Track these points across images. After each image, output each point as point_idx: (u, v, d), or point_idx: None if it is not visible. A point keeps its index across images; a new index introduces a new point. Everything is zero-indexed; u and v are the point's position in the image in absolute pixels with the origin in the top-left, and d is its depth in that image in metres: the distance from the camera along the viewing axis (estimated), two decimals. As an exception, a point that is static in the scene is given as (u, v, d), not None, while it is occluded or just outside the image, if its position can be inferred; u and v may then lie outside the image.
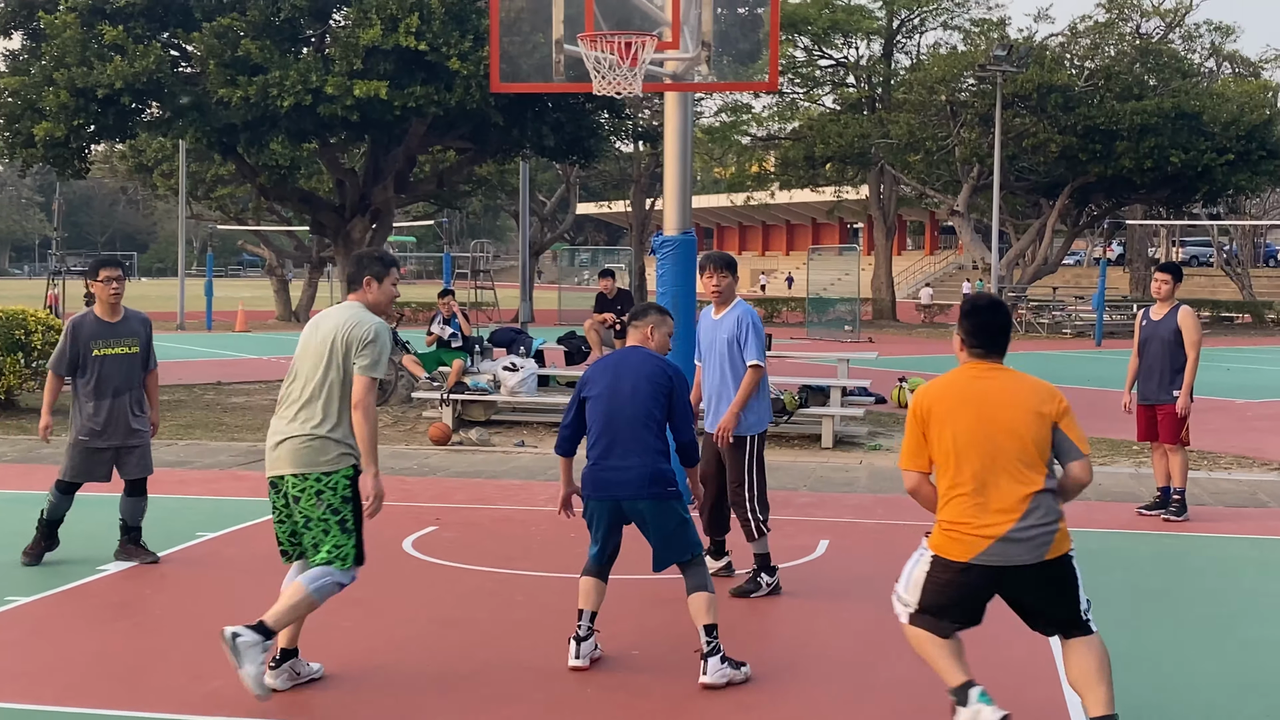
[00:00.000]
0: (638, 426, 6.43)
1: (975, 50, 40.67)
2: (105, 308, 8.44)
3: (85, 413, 8.30)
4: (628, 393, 6.48)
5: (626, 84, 9.57)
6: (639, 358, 6.65)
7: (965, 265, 75.18)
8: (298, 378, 6.12)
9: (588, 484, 6.53)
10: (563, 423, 6.69)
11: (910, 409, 5.33)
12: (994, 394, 5.16)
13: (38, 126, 16.59)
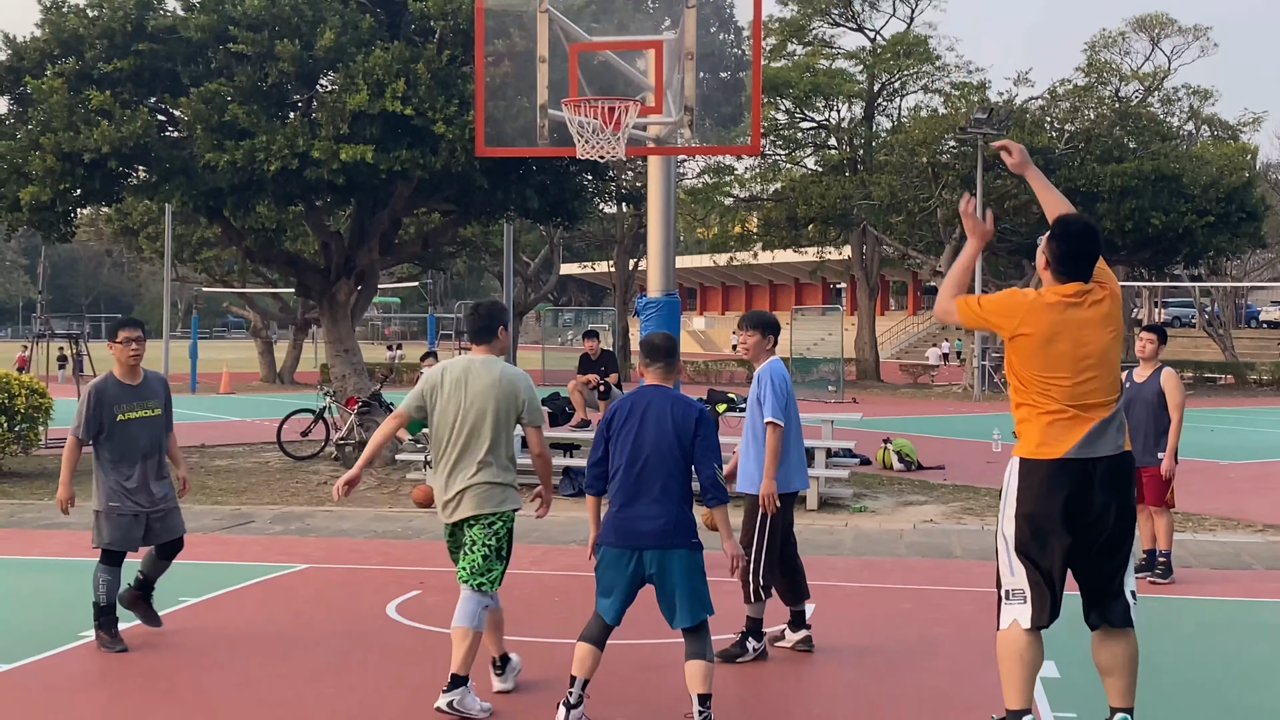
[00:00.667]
0: (664, 473, 6.32)
1: (956, 113, 41.08)
2: (125, 370, 8.28)
3: (113, 479, 8.12)
4: (653, 437, 6.37)
5: (610, 148, 9.65)
6: (664, 397, 6.52)
7: (949, 326, 75.46)
8: (466, 433, 6.77)
9: (607, 530, 6.40)
10: (591, 460, 6.55)
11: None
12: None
13: (23, 190, 16.60)
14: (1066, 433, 5.47)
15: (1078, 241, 5.62)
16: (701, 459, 6.38)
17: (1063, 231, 5.64)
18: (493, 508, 6.78)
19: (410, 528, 13.19)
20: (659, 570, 6.27)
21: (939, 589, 10.12)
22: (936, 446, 21.51)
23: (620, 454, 6.41)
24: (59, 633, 8.35)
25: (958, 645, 8.29)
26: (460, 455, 6.78)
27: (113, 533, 8.20)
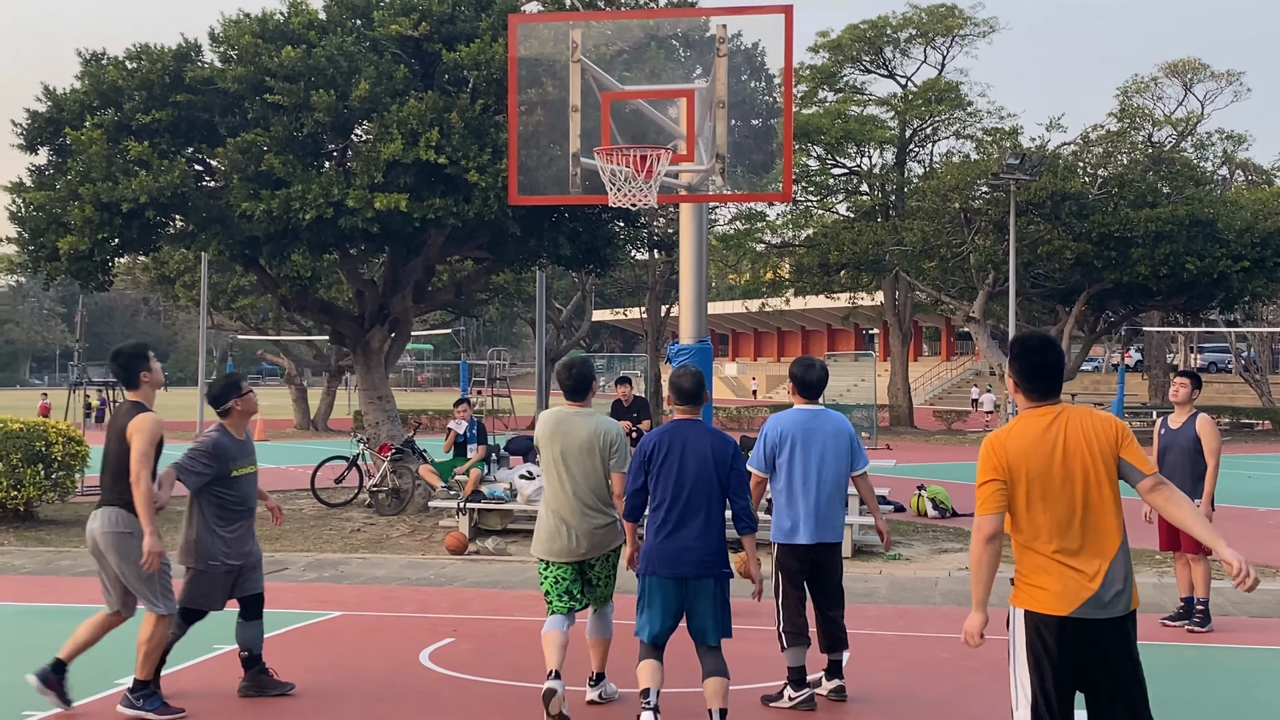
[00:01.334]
0: (706, 504, 6.86)
1: (988, 158, 41.07)
2: (241, 425, 8.16)
3: (217, 534, 7.90)
4: (694, 470, 6.87)
5: (641, 196, 9.70)
6: (700, 431, 7.02)
7: (983, 371, 75.16)
8: (576, 478, 7.50)
9: (655, 560, 6.88)
10: (630, 489, 7.08)
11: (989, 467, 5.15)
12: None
13: (62, 240, 16.82)
14: None
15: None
16: (736, 490, 6.91)
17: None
18: (611, 545, 7.65)
19: (443, 575, 13.19)
20: (698, 594, 6.83)
21: (975, 637, 10.02)
22: (970, 493, 21.35)
23: (664, 487, 6.90)
24: (95, 681, 8.37)
25: (995, 693, 8.21)
26: (571, 499, 7.51)
27: (208, 591, 7.96)
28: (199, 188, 17.33)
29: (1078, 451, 5.06)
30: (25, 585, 12.46)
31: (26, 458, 15.99)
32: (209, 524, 7.89)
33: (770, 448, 7.89)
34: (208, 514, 7.91)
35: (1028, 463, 5.06)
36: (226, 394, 8.11)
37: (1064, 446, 5.07)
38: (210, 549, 7.88)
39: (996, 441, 5.16)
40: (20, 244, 17.98)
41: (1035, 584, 5.07)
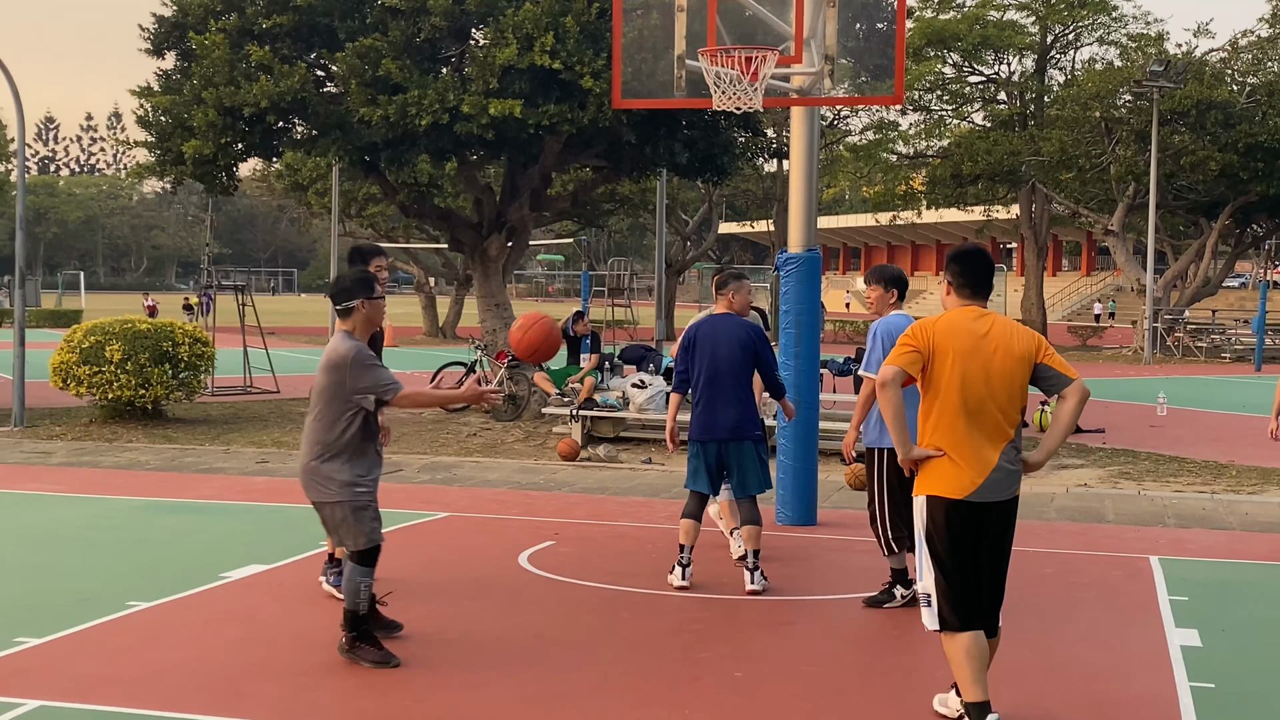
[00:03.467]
0: (735, 382, 8.19)
1: (1131, 66, 39.52)
2: (366, 332, 6.85)
3: (369, 458, 6.75)
4: (725, 355, 8.19)
5: (747, 99, 9.47)
6: (729, 324, 8.34)
7: (1124, 287, 73.19)
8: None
9: (696, 428, 8.28)
10: (678, 368, 8.42)
11: (911, 337, 5.60)
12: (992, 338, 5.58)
13: (187, 144, 17.07)
14: None
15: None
16: (766, 366, 8.35)
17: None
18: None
19: (553, 480, 13.27)
20: (733, 456, 8.22)
21: (1086, 553, 9.80)
22: (1098, 409, 20.84)
23: (700, 368, 8.25)
24: (203, 573, 8.59)
25: (1097, 610, 8.00)
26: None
27: (377, 522, 6.85)
28: (319, 93, 17.43)
29: (1000, 344, 5.52)
30: (151, 481, 12.84)
31: (154, 358, 16.41)
32: (364, 447, 6.69)
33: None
34: (366, 433, 6.69)
35: (955, 341, 5.52)
36: (355, 291, 6.65)
37: (989, 336, 5.53)
38: (370, 477, 6.76)
39: (926, 323, 5.63)
40: (149, 148, 18.32)
41: (937, 472, 5.55)
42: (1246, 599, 8.45)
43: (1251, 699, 6.35)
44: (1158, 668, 6.76)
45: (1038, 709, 6.12)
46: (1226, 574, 9.20)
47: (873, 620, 7.78)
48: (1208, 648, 7.14)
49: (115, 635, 7.14)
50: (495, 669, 6.59)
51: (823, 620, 7.78)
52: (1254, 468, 14.45)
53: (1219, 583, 8.89)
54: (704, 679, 6.48)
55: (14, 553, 9.39)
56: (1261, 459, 14.93)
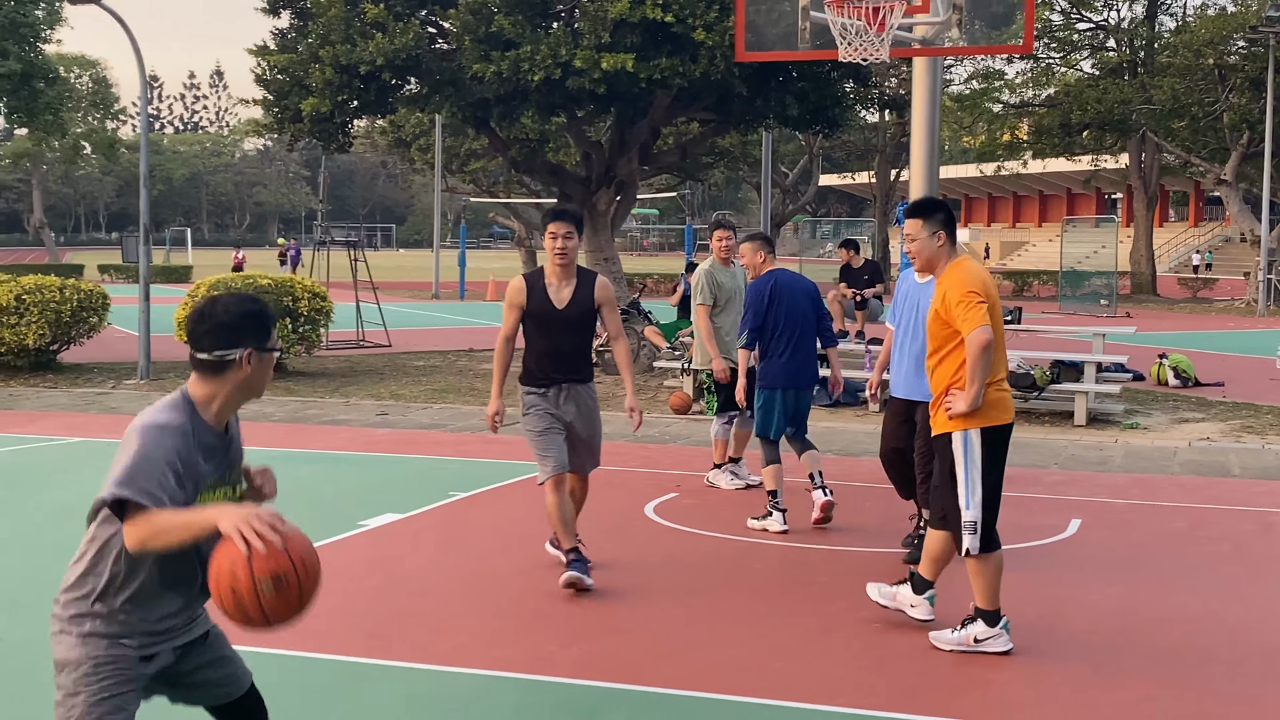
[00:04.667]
0: (808, 333, 8.79)
1: (1246, 11, 38.50)
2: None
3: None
4: (800, 307, 8.74)
5: (873, 50, 9.42)
6: (794, 277, 8.98)
7: (1232, 238, 71.48)
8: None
9: (779, 376, 8.66)
10: (755, 322, 8.71)
11: (980, 289, 6.01)
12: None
13: (304, 102, 17.34)
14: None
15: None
16: (821, 319, 8.97)
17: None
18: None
19: (667, 433, 13.38)
20: (805, 400, 8.84)
21: (1215, 508, 9.69)
22: (1215, 363, 20.50)
23: (782, 319, 8.67)
24: (341, 521, 8.82)
25: (1232, 566, 7.94)
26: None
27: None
28: (432, 50, 17.59)
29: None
30: (278, 432, 13.16)
31: (275, 312, 16.74)
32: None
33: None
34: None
35: (992, 287, 6.12)
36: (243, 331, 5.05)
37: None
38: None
39: (982, 275, 6.11)
40: (266, 106, 18.63)
41: (998, 403, 6.07)
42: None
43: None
44: None
45: (1179, 660, 6.10)
46: (1363, 529, 9.05)
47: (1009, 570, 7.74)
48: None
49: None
50: (633, 618, 6.72)
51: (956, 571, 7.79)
52: (1382, 422, 14.14)
53: (1356, 538, 8.75)
54: (837, 631, 6.55)
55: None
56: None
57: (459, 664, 5.93)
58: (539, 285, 7.18)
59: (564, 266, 7.11)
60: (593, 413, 7.39)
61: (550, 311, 7.13)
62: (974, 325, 5.86)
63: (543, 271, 7.23)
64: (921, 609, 6.56)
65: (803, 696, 5.56)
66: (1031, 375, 14.43)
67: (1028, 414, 14.48)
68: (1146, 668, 6.00)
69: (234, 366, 3.49)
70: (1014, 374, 14.55)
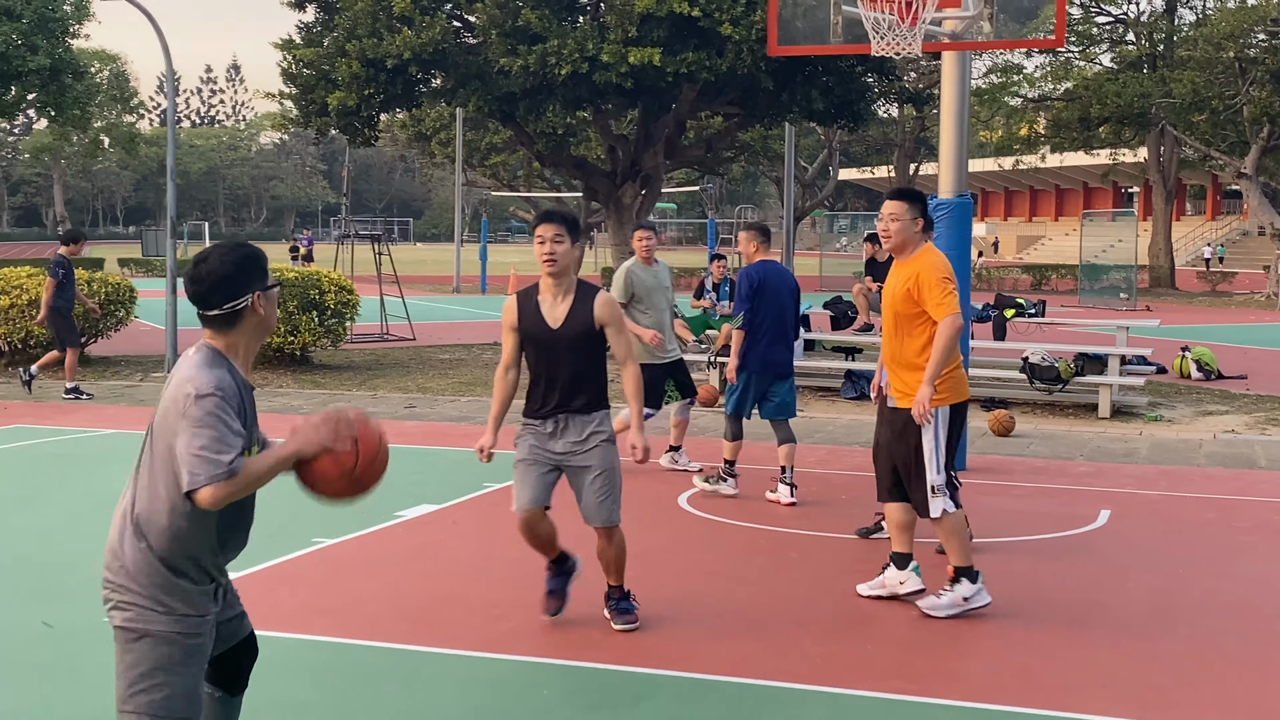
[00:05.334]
0: (788, 325, 9.26)
1: (1267, 3, 38.38)
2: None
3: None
4: (785, 300, 9.28)
5: (905, 44, 9.48)
6: (781, 270, 9.43)
7: (1250, 231, 71.25)
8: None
9: (755, 362, 9.23)
10: (749, 307, 9.15)
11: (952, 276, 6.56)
12: None
13: (331, 96, 17.47)
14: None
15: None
16: (796, 312, 9.53)
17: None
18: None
19: (695, 425, 13.44)
20: (782, 387, 9.39)
21: (1244, 499, 9.75)
22: (1237, 355, 20.52)
23: (767, 309, 9.15)
24: (378, 513, 8.91)
25: (1267, 554, 8.00)
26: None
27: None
28: (459, 44, 17.71)
29: None
30: (307, 424, 13.24)
31: (301, 305, 16.89)
32: None
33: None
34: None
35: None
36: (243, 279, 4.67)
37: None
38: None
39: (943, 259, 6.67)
40: (292, 99, 18.75)
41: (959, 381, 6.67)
42: None
43: None
44: None
45: (1219, 647, 6.17)
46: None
47: (1040, 561, 7.86)
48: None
49: (310, 569, 7.49)
50: (678, 604, 6.81)
51: (992, 562, 7.87)
52: (1407, 415, 14.17)
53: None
54: (879, 617, 6.63)
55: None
56: None
57: (507, 651, 6.02)
58: (531, 302, 6.28)
59: (555, 276, 6.18)
60: (596, 452, 6.30)
61: (544, 332, 6.21)
62: (948, 311, 6.37)
63: (537, 287, 6.34)
64: (911, 581, 6.91)
65: (844, 682, 5.65)
66: (1056, 368, 14.48)
67: (1052, 406, 14.54)
68: (1191, 651, 6.08)
69: (247, 313, 3.63)
70: (1038, 366, 14.62)
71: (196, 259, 3.64)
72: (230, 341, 3.63)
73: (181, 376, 3.53)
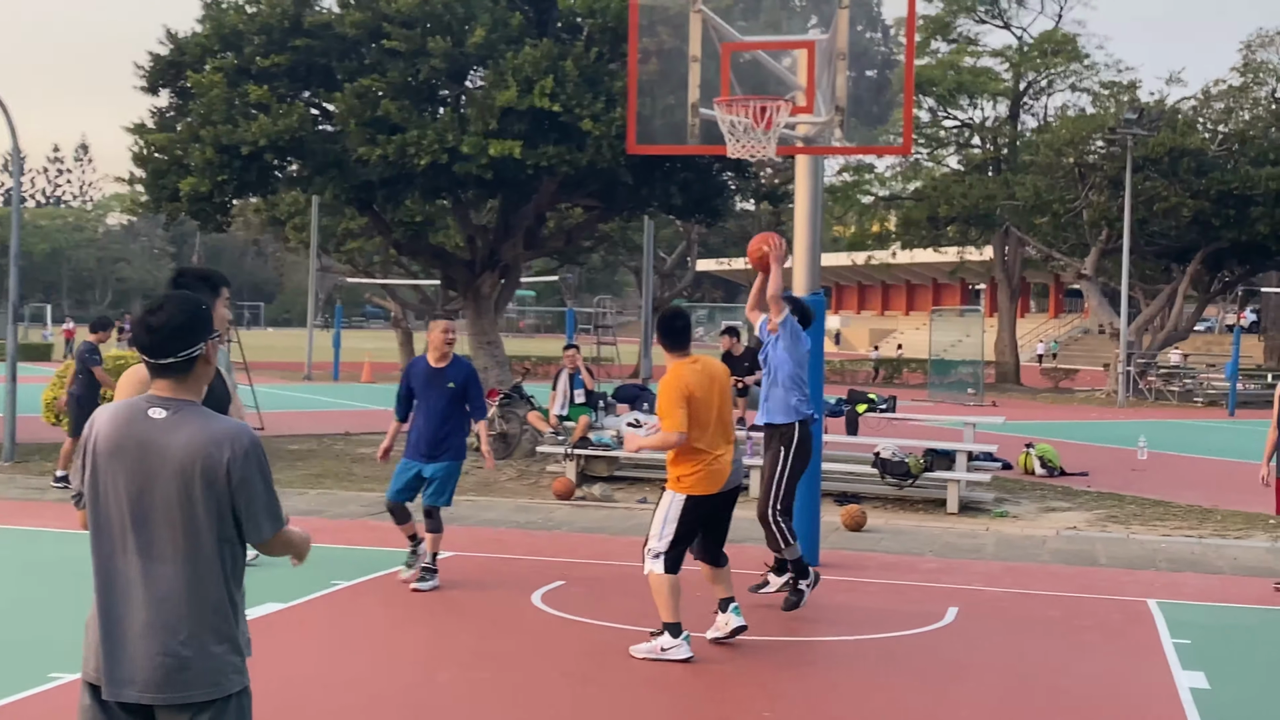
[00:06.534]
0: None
1: (1105, 113, 40.18)
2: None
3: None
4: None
5: (761, 147, 9.67)
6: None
7: (1091, 330, 73.87)
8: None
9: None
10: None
11: (678, 389, 7.76)
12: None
13: (183, 181, 17.17)
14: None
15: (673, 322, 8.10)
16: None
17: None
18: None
19: (551, 519, 13.36)
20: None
21: (1086, 596, 9.97)
22: (1079, 452, 21.12)
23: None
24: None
25: (1108, 654, 8.17)
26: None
27: None
28: (316, 132, 17.58)
29: (717, 380, 7.95)
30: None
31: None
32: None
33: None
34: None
35: (697, 389, 7.76)
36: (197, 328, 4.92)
37: (710, 377, 7.90)
38: None
39: (679, 379, 7.80)
40: (143, 184, 18.40)
41: (691, 474, 7.77)
42: (1247, 642, 8.65)
43: (1269, 741, 6.52)
44: (1170, 710, 6.93)
45: (1064, 750, 6.26)
46: (1225, 617, 9.39)
47: (891, 660, 7.92)
48: (1215, 690, 7.31)
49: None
50: (532, 708, 6.69)
51: (841, 660, 7.93)
52: (1237, 512, 14.68)
53: (1219, 626, 9.08)
54: (735, 718, 6.59)
55: (35, 590, 9.41)
56: (1244, 504, 15.17)
57: (352, 758, 5.84)
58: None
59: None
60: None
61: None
62: (668, 427, 7.73)
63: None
64: (733, 620, 8.06)
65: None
66: (906, 463, 14.74)
67: (902, 501, 14.77)
68: (1031, 756, 6.14)
69: (200, 361, 3.73)
70: (889, 461, 14.87)
71: (148, 309, 3.71)
72: (185, 389, 3.70)
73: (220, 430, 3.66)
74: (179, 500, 3.58)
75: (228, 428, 3.65)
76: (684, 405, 7.71)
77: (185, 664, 3.58)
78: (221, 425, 3.66)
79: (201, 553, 3.61)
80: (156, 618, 3.58)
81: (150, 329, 3.68)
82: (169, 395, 3.68)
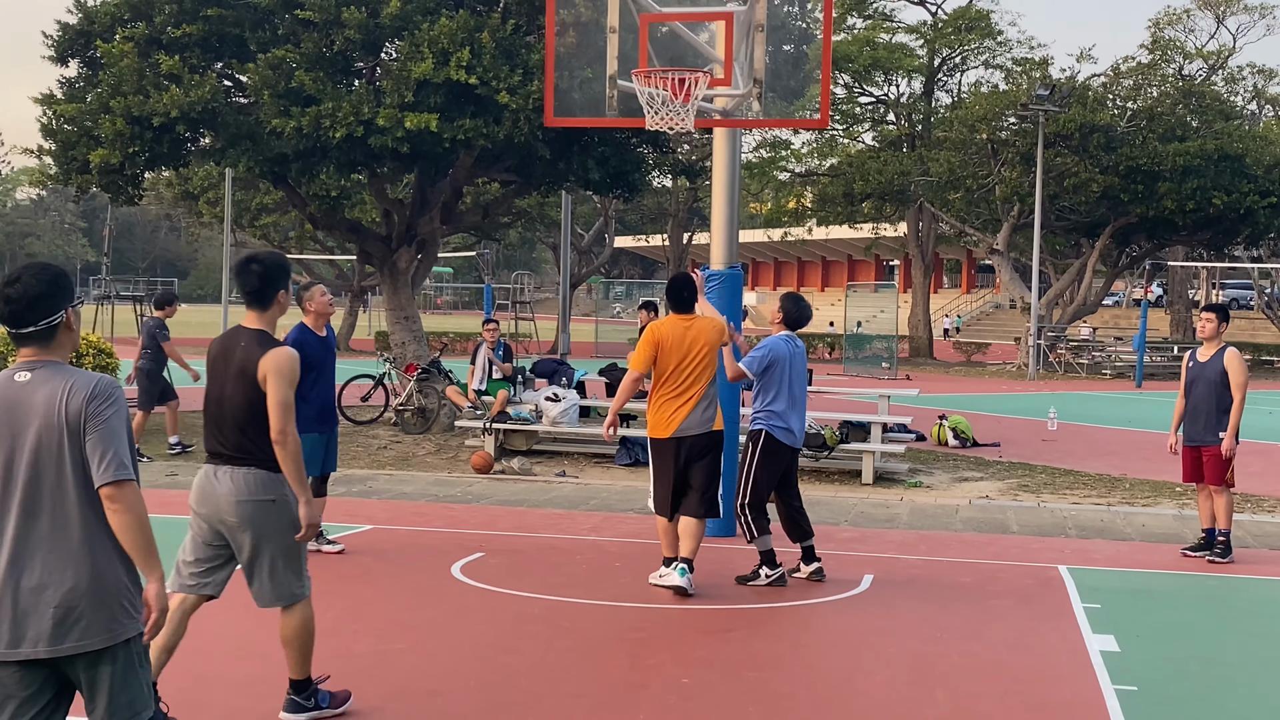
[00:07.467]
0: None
1: (1017, 89, 40.68)
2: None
3: None
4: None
5: (679, 119, 9.70)
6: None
7: (1002, 304, 74.96)
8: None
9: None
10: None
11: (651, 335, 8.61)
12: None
13: (93, 153, 16.84)
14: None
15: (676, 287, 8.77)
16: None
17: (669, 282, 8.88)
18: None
19: (470, 493, 13.35)
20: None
21: (998, 563, 10.17)
22: (991, 424, 21.47)
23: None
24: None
25: (1020, 618, 8.35)
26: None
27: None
28: (229, 103, 17.32)
29: (698, 339, 8.57)
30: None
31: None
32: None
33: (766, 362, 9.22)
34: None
35: (668, 339, 8.52)
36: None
37: (692, 334, 8.57)
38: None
39: (656, 327, 8.66)
40: (52, 156, 18.02)
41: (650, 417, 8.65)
42: (1155, 605, 8.88)
43: (1174, 702, 6.72)
44: (1081, 672, 7.10)
45: (975, 712, 6.40)
46: (1133, 582, 9.63)
47: (808, 627, 8.04)
48: (1125, 652, 7.50)
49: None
50: (450, 678, 6.71)
51: (760, 627, 8.02)
52: (1145, 480, 15.03)
53: (1128, 590, 9.31)
54: (652, 685, 6.66)
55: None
56: (1151, 472, 15.54)
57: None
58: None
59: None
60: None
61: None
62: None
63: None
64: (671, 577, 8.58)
65: (619, 753, 5.65)
66: (822, 435, 14.90)
67: (819, 472, 14.94)
68: (949, 716, 6.28)
69: (62, 328, 3.91)
70: (806, 434, 15.01)
71: (7, 280, 3.87)
72: (49, 354, 3.88)
73: (80, 379, 3.82)
74: (50, 454, 3.74)
75: (88, 377, 3.81)
76: (648, 349, 8.56)
77: (78, 614, 3.70)
78: (82, 375, 3.81)
79: (80, 503, 3.75)
80: (44, 572, 3.71)
81: (9, 299, 3.83)
82: (34, 359, 3.85)
